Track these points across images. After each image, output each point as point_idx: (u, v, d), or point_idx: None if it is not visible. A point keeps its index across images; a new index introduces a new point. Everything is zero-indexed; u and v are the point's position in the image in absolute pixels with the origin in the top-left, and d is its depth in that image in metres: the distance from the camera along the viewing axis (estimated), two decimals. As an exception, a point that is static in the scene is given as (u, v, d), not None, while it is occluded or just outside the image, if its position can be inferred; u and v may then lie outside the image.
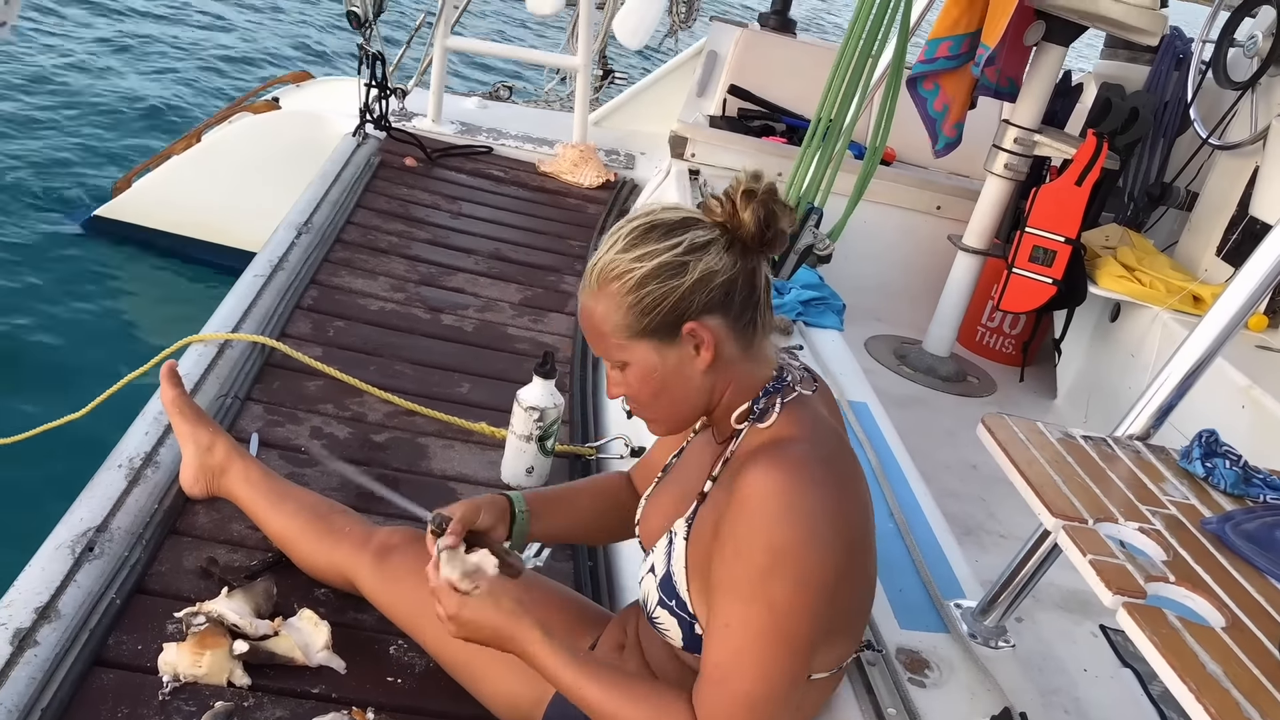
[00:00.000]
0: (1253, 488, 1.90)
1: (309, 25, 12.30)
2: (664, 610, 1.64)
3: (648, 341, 1.57)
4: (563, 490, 2.08)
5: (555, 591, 2.07)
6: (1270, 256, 1.98)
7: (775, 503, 1.44)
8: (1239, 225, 4.14)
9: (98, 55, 9.09)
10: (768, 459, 1.49)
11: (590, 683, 1.56)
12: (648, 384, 1.61)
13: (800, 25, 5.99)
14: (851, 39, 3.35)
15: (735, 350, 1.59)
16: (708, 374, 1.60)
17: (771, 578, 1.43)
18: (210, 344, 3.04)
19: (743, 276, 1.56)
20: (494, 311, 3.82)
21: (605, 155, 5.72)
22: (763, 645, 1.44)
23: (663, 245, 1.53)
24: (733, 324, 1.57)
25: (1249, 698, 1.31)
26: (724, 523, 1.49)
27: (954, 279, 4.40)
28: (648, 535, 1.81)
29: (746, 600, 1.45)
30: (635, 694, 1.55)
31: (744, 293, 1.57)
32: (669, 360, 1.58)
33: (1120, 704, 2.63)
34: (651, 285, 1.53)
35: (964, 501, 3.53)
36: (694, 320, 1.54)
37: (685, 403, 1.63)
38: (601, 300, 1.57)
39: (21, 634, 1.89)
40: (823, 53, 5.37)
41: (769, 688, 1.44)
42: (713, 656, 1.48)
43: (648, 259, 1.53)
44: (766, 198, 1.55)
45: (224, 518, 2.41)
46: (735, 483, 1.50)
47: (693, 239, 1.54)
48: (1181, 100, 4.61)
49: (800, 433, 1.56)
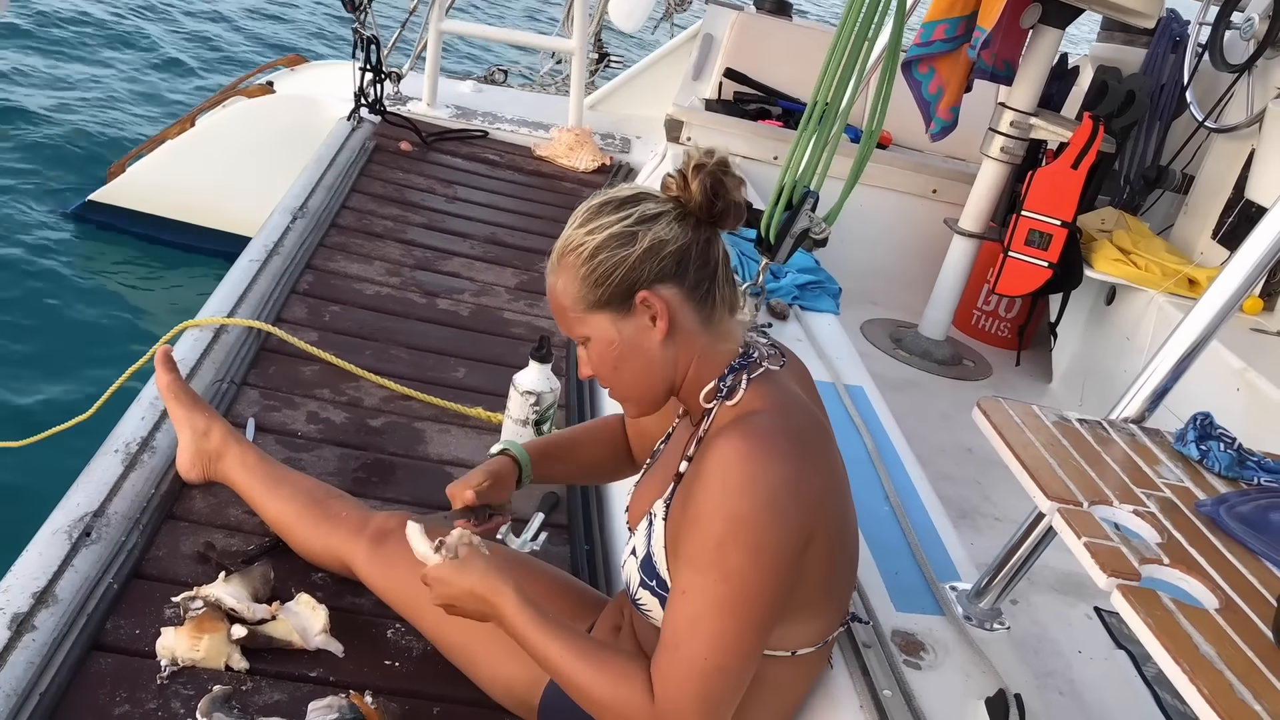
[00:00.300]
0: (1247, 470, 1.90)
1: (303, 8, 12.27)
2: (645, 591, 1.66)
3: (604, 313, 1.60)
4: (562, 438, 2.15)
5: (552, 576, 2.08)
6: (1266, 239, 1.99)
7: (735, 472, 1.46)
8: (1235, 208, 4.14)
9: (91, 41, 9.06)
10: (733, 430, 1.51)
11: (553, 643, 1.60)
12: (607, 357, 1.63)
13: (796, 8, 5.98)
14: (847, 22, 3.33)
15: (694, 323, 1.62)
16: (666, 346, 1.61)
17: (728, 547, 1.44)
18: (206, 329, 3.04)
19: (695, 247, 1.59)
20: (489, 296, 3.83)
21: (601, 139, 5.72)
22: (716, 613, 1.45)
23: (614, 218, 1.58)
24: (688, 294, 1.60)
25: (1242, 679, 1.32)
26: (689, 496, 1.52)
27: (950, 262, 4.41)
28: (635, 519, 1.82)
29: (703, 569, 1.46)
30: (596, 658, 1.58)
31: (698, 263, 1.60)
32: (625, 331, 1.61)
33: (1114, 685, 2.64)
34: (603, 255, 1.57)
35: (959, 485, 3.54)
36: (646, 289, 1.57)
37: (647, 375, 1.65)
38: (560, 275, 1.62)
39: (19, 619, 1.90)
40: (819, 35, 5.37)
41: (721, 656, 1.46)
42: (670, 623, 1.50)
43: (599, 231, 1.58)
44: (716, 169, 1.59)
45: (221, 503, 2.41)
46: (703, 455, 1.52)
47: (643, 211, 1.58)
48: (1178, 83, 4.61)
49: (766, 405, 1.58)
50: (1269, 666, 1.35)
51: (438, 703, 2.00)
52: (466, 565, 1.69)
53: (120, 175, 6.21)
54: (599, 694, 1.55)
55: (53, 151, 7.02)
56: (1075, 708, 2.54)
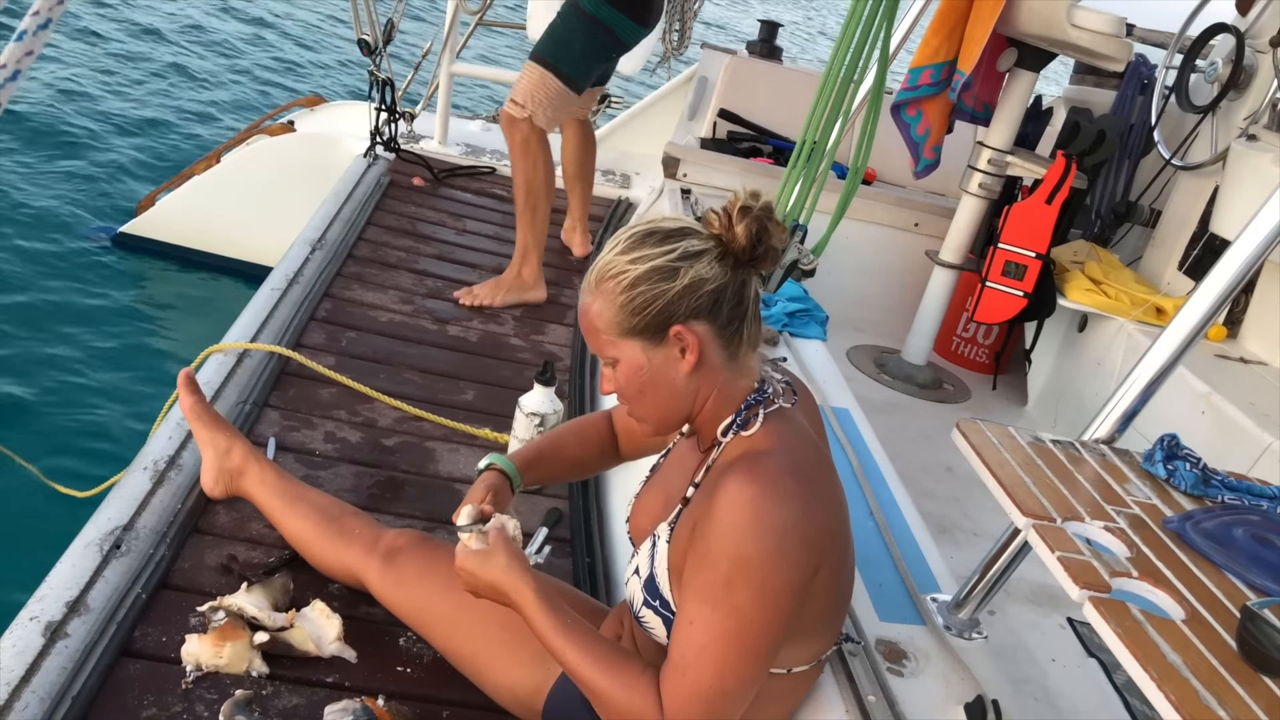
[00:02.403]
0: (1211, 489, 1.91)
1: (323, 53, 12.30)
2: (649, 610, 1.65)
3: (637, 340, 1.58)
4: (548, 441, 2.10)
5: (554, 587, 2.08)
6: (1229, 271, 1.99)
7: (745, 514, 1.45)
8: (1200, 241, 4.16)
9: (123, 80, 9.09)
10: (743, 470, 1.50)
11: (570, 644, 1.59)
12: (634, 381, 1.61)
13: (785, 54, 6.00)
14: (834, 66, 3.36)
15: (720, 358, 1.60)
16: (691, 377, 1.60)
17: (735, 585, 1.44)
18: (230, 353, 3.05)
19: (731, 287, 1.57)
20: (497, 323, 3.83)
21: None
22: (722, 646, 1.46)
23: (658, 250, 1.55)
24: (719, 332, 1.58)
25: (1207, 686, 1.32)
26: (698, 528, 1.50)
27: (931, 292, 4.42)
28: (637, 533, 1.82)
29: (711, 604, 1.46)
30: (610, 665, 1.57)
31: (732, 303, 1.57)
32: (655, 360, 1.59)
33: (1086, 692, 2.63)
34: (643, 287, 1.54)
35: (940, 501, 3.54)
36: (681, 324, 1.55)
37: (669, 402, 1.63)
38: (598, 298, 1.58)
39: (53, 626, 1.90)
40: (807, 78, 5.39)
41: (724, 683, 1.46)
42: (678, 647, 1.50)
43: (642, 262, 1.54)
44: (761, 214, 1.56)
45: (243, 517, 2.42)
46: (713, 491, 1.50)
47: (686, 247, 1.55)
48: (1146, 123, 4.63)
49: (777, 445, 1.57)
50: (1232, 674, 1.36)
51: (447, 707, 2.00)
52: (490, 560, 1.68)
53: (150, 208, 6.23)
54: (611, 698, 1.55)
55: (87, 184, 7.04)
56: (1049, 713, 2.54)
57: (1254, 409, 3.24)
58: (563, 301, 4.15)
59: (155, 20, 10.75)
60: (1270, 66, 4.03)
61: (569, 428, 2.14)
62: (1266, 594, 1.57)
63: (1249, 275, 2.01)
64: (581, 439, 2.09)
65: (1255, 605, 1.42)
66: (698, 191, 4.62)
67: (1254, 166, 3.75)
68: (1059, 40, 3.81)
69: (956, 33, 3.99)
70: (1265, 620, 1.38)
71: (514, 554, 1.69)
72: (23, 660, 1.82)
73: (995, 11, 3.76)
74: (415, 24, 12.49)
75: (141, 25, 10.48)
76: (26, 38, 1.57)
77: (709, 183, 4.75)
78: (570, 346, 3.75)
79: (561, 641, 1.60)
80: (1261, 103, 4.05)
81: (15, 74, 1.57)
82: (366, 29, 5.09)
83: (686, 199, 4.50)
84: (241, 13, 12.22)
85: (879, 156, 4.10)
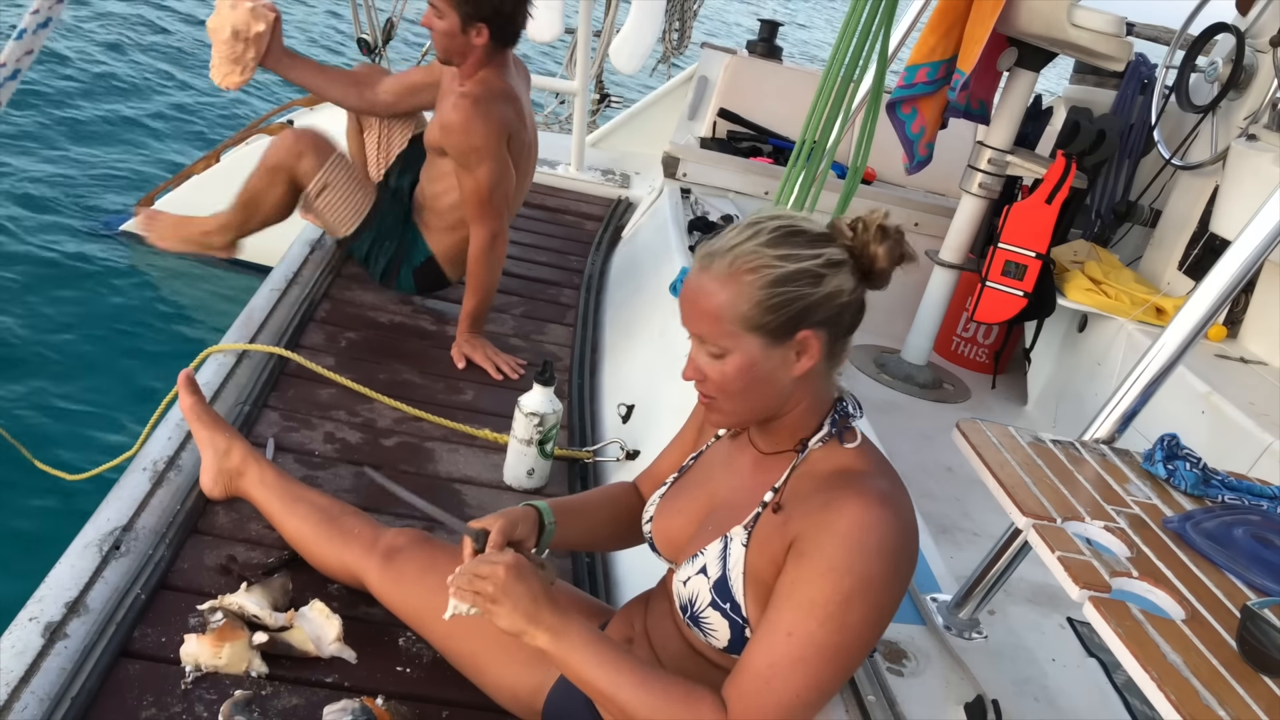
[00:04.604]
0: (1211, 488, 1.91)
1: (322, 52, 12.29)
2: (715, 612, 1.60)
3: (759, 336, 1.53)
4: (579, 501, 2.03)
5: (559, 587, 2.07)
6: (1229, 271, 2.00)
7: (874, 535, 1.44)
8: (1199, 241, 4.15)
9: (123, 80, 9.09)
10: (863, 490, 1.49)
11: (615, 675, 1.53)
12: (741, 376, 1.56)
13: (785, 53, 6.00)
14: (834, 65, 3.36)
15: (824, 367, 1.59)
16: (797, 382, 1.58)
17: (854, 604, 1.43)
18: (229, 354, 3.05)
19: (855, 302, 1.57)
20: (496, 323, 3.83)
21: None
22: (821, 661, 1.43)
23: (807, 252, 1.52)
24: (832, 342, 1.58)
25: (1208, 686, 1.32)
26: (806, 540, 1.47)
27: (931, 292, 4.42)
28: (666, 535, 1.79)
29: (820, 619, 1.43)
30: (658, 685, 1.52)
31: (851, 318, 1.58)
32: (771, 360, 1.55)
33: (1086, 692, 2.63)
34: (789, 286, 1.51)
35: (940, 501, 3.54)
36: (809, 329, 1.54)
37: (765, 401, 1.60)
38: (729, 286, 1.52)
39: (52, 627, 1.90)
40: (807, 78, 5.39)
41: (809, 696, 1.44)
42: (766, 657, 1.45)
43: (791, 261, 1.51)
44: (899, 237, 1.56)
45: (242, 518, 2.42)
46: (826, 505, 1.48)
47: (831, 255, 1.53)
48: (1146, 123, 4.64)
49: (877, 468, 1.57)
50: (1233, 674, 1.36)
51: (447, 707, 2.00)
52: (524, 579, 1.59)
53: (149, 208, 6.22)
54: (664, 715, 1.49)
55: (87, 184, 7.04)
56: (1049, 713, 2.53)
57: (1254, 409, 3.24)
58: (561, 302, 4.15)
59: (155, 20, 10.74)
60: (1270, 66, 4.03)
61: (597, 492, 2.09)
62: (1266, 594, 1.57)
63: (1249, 275, 2.02)
64: (611, 503, 2.02)
65: (1255, 605, 1.42)
66: (698, 191, 4.62)
67: (1254, 166, 3.75)
68: (1059, 40, 3.81)
69: (954, 31, 3.98)
70: (1265, 620, 1.38)
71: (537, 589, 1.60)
72: (22, 661, 1.82)
73: (995, 11, 3.75)
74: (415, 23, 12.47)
75: (138, 23, 10.48)
76: (26, 36, 1.57)
77: (709, 182, 4.75)
78: (570, 346, 3.75)
79: (600, 673, 1.54)
80: (1261, 102, 4.05)
81: (15, 72, 1.58)
82: (366, 28, 5.10)
83: (686, 199, 4.50)
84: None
85: (879, 156, 4.10)
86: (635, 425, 3.02)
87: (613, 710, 1.57)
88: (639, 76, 6.95)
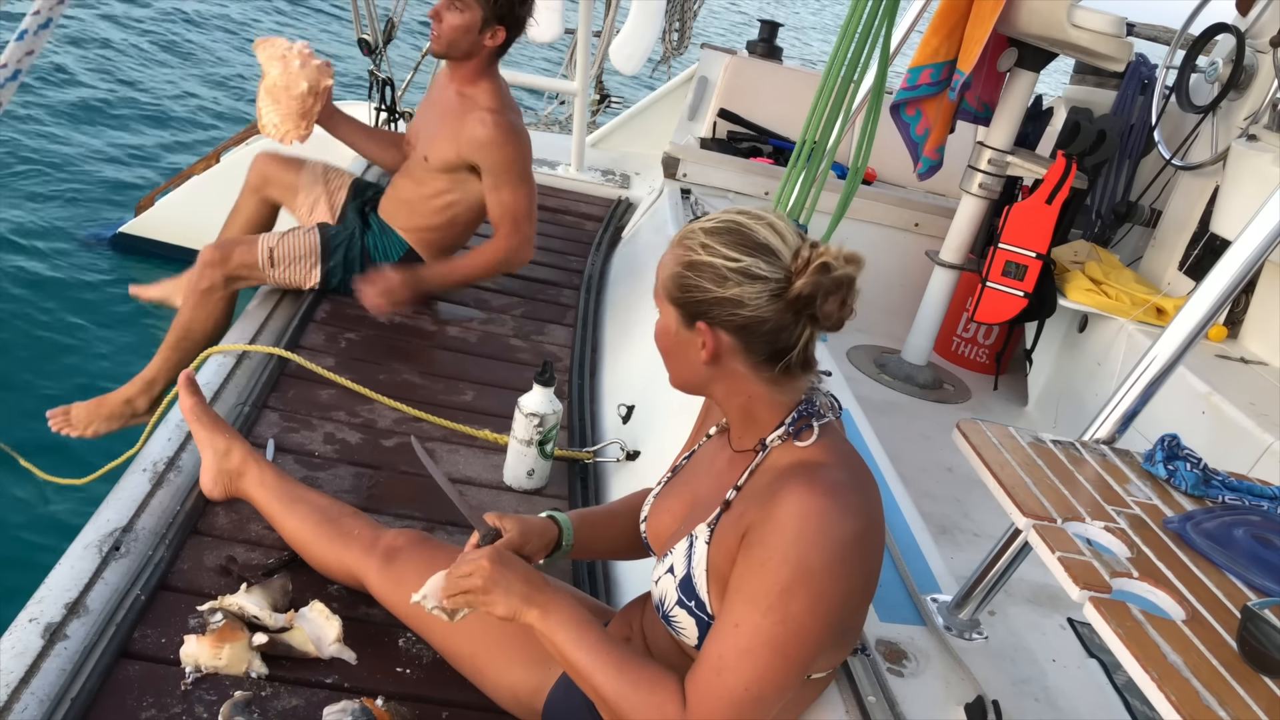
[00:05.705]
0: (1212, 489, 1.91)
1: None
2: (682, 610, 1.63)
3: (674, 309, 1.60)
4: (606, 512, 2.08)
5: (558, 587, 2.08)
6: (1229, 271, 2.00)
7: (812, 524, 1.44)
8: (1200, 241, 4.16)
9: (123, 80, 9.09)
10: (808, 481, 1.49)
11: (586, 653, 1.59)
12: (663, 338, 1.65)
13: (785, 54, 6.00)
14: (834, 65, 3.35)
15: (745, 371, 1.59)
16: (710, 369, 1.60)
17: (793, 594, 1.43)
18: (229, 355, 3.05)
19: (771, 324, 1.53)
20: (496, 324, 3.83)
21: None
22: (766, 653, 1.44)
23: (728, 253, 1.53)
24: (745, 351, 1.57)
25: (1208, 687, 1.32)
26: (754, 531, 1.49)
27: (931, 292, 4.42)
28: (655, 534, 1.82)
29: (763, 610, 1.44)
30: (629, 667, 1.57)
31: (766, 338, 1.55)
32: (682, 336, 1.60)
33: (1086, 692, 2.63)
34: (693, 275, 1.55)
35: (940, 502, 3.54)
36: (707, 324, 1.56)
37: (685, 372, 1.65)
38: (668, 254, 1.60)
39: (52, 628, 1.90)
40: (807, 78, 5.39)
41: (759, 689, 1.45)
42: (715, 649, 1.48)
43: (709, 252, 1.54)
44: (836, 281, 1.52)
45: (242, 518, 2.42)
46: (773, 496, 1.49)
47: (753, 265, 1.52)
48: (1146, 123, 4.64)
49: (834, 459, 1.56)
50: (1233, 675, 1.36)
51: (446, 707, 2.00)
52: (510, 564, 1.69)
53: (149, 209, 6.23)
54: (625, 698, 1.54)
55: (86, 185, 7.04)
56: (1049, 713, 2.54)
57: (1254, 409, 3.24)
58: (561, 302, 4.15)
59: (154, 19, 10.75)
60: (1270, 66, 4.03)
61: (619, 503, 2.12)
62: (1267, 594, 1.57)
63: (1249, 275, 2.02)
64: (634, 512, 2.02)
65: (1255, 605, 1.42)
66: (698, 192, 4.62)
67: (1254, 166, 3.75)
68: (1059, 40, 3.81)
69: (956, 32, 3.98)
70: (1265, 620, 1.38)
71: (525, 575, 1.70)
72: (22, 662, 1.82)
73: (995, 11, 3.76)
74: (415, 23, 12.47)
75: (139, 25, 10.49)
76: (27, 37, 1.57)
77: (709, 183, 4.75)
78: (570, 347, 3.75)
79: (575, 651, 1.60)
80: (1262, 103, 4.05)
81: (16, 73, 1.57)
82: (366, 29, 5.09)
83: (686, 199, 4.50)
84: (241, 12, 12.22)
85: (879, 156, 4.09)
86: (635, 426, 3.02)
87: (588, 690, 1.61)
88: (639, 77, 6.94)
